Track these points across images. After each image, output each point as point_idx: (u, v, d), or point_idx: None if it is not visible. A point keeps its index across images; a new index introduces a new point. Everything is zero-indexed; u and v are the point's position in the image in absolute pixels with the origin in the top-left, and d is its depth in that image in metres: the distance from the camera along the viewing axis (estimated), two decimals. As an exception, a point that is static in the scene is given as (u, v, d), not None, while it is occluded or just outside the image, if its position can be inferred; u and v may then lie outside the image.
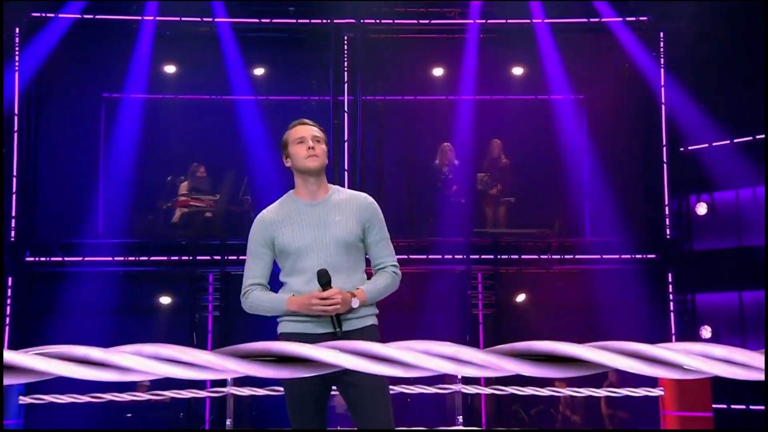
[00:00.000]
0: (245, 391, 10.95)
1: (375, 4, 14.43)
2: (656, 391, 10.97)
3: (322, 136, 5.62)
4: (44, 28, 14.10)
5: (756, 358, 2.57)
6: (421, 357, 2.02)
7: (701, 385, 10.84)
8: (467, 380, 11.43)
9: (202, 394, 12.43)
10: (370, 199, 5.70)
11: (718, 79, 14.27)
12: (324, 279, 5.21)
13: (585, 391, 12.03)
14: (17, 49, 13.99)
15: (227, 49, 14.93)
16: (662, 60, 14.58)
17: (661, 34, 14.53)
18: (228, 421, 10.94)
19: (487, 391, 12.63)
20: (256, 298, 5.45)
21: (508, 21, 14.85)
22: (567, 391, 12.51)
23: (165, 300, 14.92)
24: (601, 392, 12.27)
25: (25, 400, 10.97)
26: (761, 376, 2.79)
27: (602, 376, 13.66)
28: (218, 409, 12.15)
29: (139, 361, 2.41)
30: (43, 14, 13.93)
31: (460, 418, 11.15)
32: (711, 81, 14.29)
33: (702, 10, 13.55)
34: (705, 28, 13.78)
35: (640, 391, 11.26)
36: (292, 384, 5.47)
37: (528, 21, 14.79)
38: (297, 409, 5.47)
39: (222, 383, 11.21)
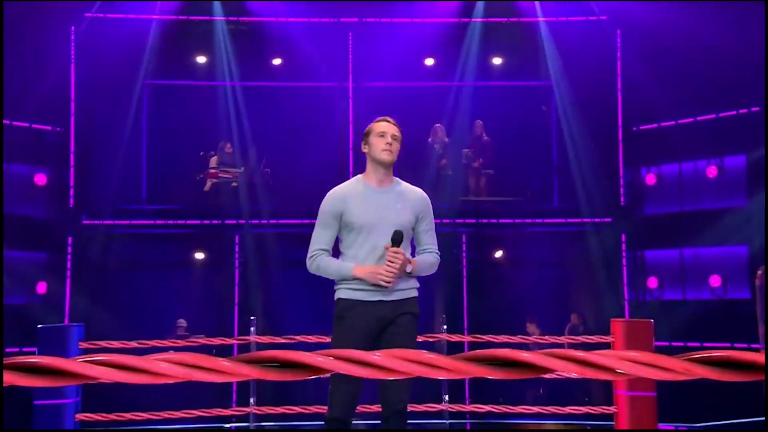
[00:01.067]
0: (265, 340, 11.28)
1: (375, 5, 14.33)
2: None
3: (400, 135, 5.75)
4: (96, 26, 14.09)
5: (675, 363, 3.02)
6: (401, 363, 2.50)
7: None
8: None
9: (230, 341, 12.62)
10: (425, 195, 5.85)
11: (664, 70, 14.13)
12: (398, 237, 5.44)
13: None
14: (73, 44, 14.05)
15: (248, 44, 15.09)
16: (618, 54, 14.65)
17: (618, 32, 14.56)
18: (252, 399, 10.90)
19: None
20: (322, 262, 5.62)
21: (490, 19, 14.82)
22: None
23: (198, 256, 15.12)
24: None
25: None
26: (678, 377, 3.33)
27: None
28: (244, 389, 12.02)
29: (169, 368, 2.81)
30: (95, 15, 13.92)
31: (446, 397, 11.11)
32: (658, 72, 14.15)
33: (652, 11, 13.49)
34: (654, 27, 13.74)
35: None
36: (348, 319, 5.70)
37: (506, 20, 14.87)
38: (345, 337, 5.70)
39: (247, 332, 11.37)
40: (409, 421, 8.97)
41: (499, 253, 15.40)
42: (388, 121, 5.75)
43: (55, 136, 14.28)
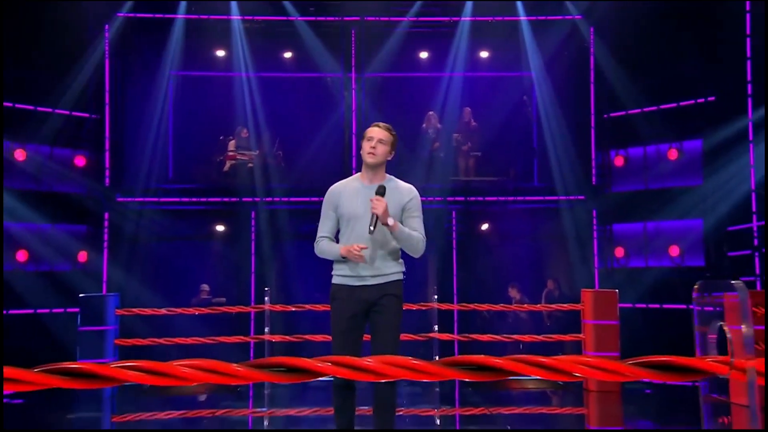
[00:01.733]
0: (278, 308, 11.35)
1: (374, 4, 14.30)
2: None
3: (387, 138, 5.85)
4: (127, 25, 14.21)
5: (621, 367, 3.16)
6: (390, 368, 2.91)
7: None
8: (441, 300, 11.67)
9: (248, 309, 13.13)
10: (414, 189, 6.02)
11: (631, 64, 14.23)
12: (381, 190, 5.65)
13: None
14: (107, 41, 14.10)
15: (261, 39, 15.07)
16: (591, 49, 14.67)
17: (591, 30, 14.58)
18: (266, 329, 11.18)
19: (459, 337, 13.11)
20: (323, 245, 5.94)
21: (477, 18, 14.81)
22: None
23: (219, 230, 15.19)
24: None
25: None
26: (627, 379, 3.77)
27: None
28: (260, 321, 12.09)
29: (192, 372, 3.04)
30: (126, 15, 14.01)
31: (436, 327, 11.40)
32: (626, 65, 14.30)
33: (622, 12, 13.66)
34: (624, 27, 13.81)
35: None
36: (336, 307, 6.00)
37: (491, 19, 14.84)
38: (336, 328, 5.97)
39: (261, 300, 11.52)
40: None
41: (485, 227, 15.34)
42: (378, 126, 5.92)
43: (92, 123, 14.25)
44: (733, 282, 3.52)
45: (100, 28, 14.00)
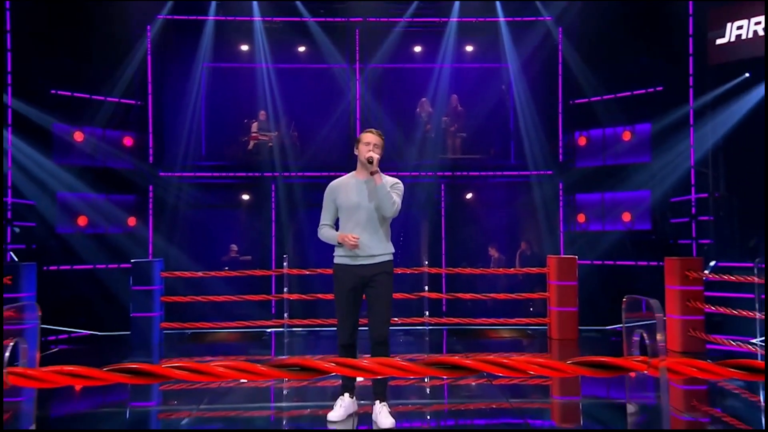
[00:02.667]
0: (294, 272, 11.48)
1: (375, 6, 14.29)
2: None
3: (379, 142, 6.05)
4: (166, 25, 14.25)
5: (563, 366, 3.50)
6: (383, 368, 3.31)
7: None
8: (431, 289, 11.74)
9: (269, 273, 13.17)
10: (397, 180, 6.18)
11: (593, 58, 14.21)
12: (370, 160, 5.87)
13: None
14: (149, 39, 14.14)
15: (279, 36, 14.93)
16: (560, 46, 14.66)
17: (560, 29, 14.58)
18: (285, 289, 11.40)
19: (446, 296, 13.54)
20: (325, 232, 6.13)
21: (463, 19, 14.74)
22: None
23: (244, 199, 15.30)
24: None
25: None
26: (568, 376, 4.33)
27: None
28: (280, 282, 12.24)
29: (226, 371, 3.31)
30: (165, 16, 14.07)
31: (426, 287, 11.58)
32: (589, 60, 14.29)
33: (586, 14, 13.72)
34: (587, 27, 13.87)
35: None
36: (338, 281, 6.18)
37: (474, 19, 14.81)
38: (338, 298, 6.18)
39: (281, 262, 11.64)
40: (399, 329, 9.52)
41: (469, 196, 15.43)
42: (371, 132, 6.09)
43: (138, 108, 14.33)
44: (650, 301, 3.70)
45: (143, 28, 14.03)
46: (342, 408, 6.18)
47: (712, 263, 12.11)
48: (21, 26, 12.51)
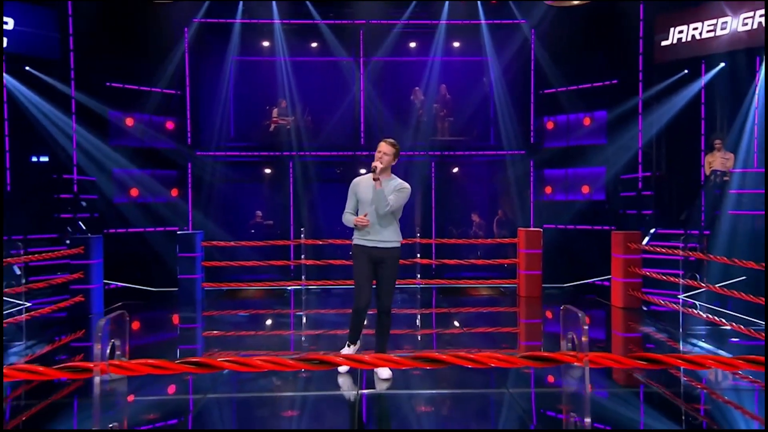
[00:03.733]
0: (310, 242, 11.86)
1: (378, 6, 14.11)
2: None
3: (390, 150, 6.13)
4: (201, 27, 14.22)
5: (516, 360, 3.71)
6: (379, 361, 3.53)
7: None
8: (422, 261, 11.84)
9: (289, 243, 13.21)
10: (407, 185, 6.28)
11: (559, 56, 14.26)
12: (374, 169, 5.96)
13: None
14: (186, 39, 14.13)
15: (295, 34, 14.80)
16: (532, 45, 14.63)
17: (533, 31, 14.57)
18: (302, 256, 11.63)
19: (435, 261, 13.76)
20: (347, 217, 6.28)
21: (451, 22, 14.63)
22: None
23: (266, 173, 15.28)
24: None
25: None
26: (518, 366, 4.75)
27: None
28: (297, 270, 12.22)
29: (263, 363, 3.63)
30: (200, 20, 14.04)
31: (419, 255, 11.73)
32: (556, 57, 14.34)
33: (554, 20, 13.70)
34: (555, 29, 13.90)
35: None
36: (356, 256, 6.29)
37: (460, 22, 14.73)
38: (357, 267, 6.28)
39: (299, 231, 11.91)
40: (396, 288, 9.78)
41: (455, 170, 15.38)
42: (383, 141, 6.18)
43: (178, 97, 14.34)
44: (579, 313, 3.90)
45: (182, 30, 14.05)
46: (349, 353, 6.43)
47: (652, 230, 12.36)
48: (81, 30, 12.68)
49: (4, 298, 8.82)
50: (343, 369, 6.46)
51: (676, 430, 5.08)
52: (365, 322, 6.48)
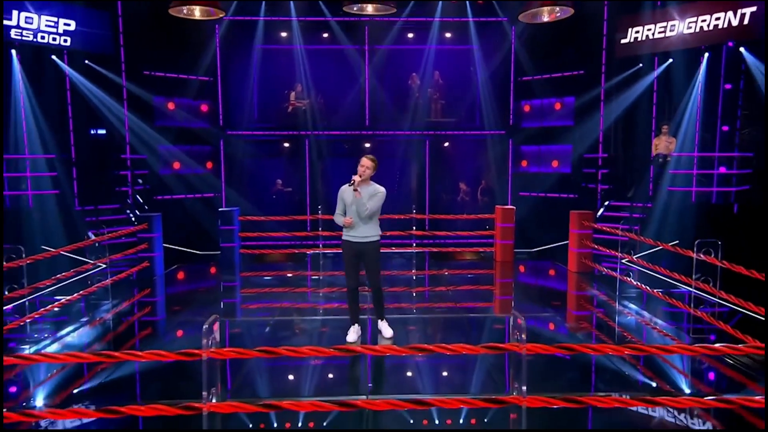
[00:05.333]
0: (326, 217, 11.35)
1: (380, 7, 13.66)
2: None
3: (370, 165, 6.46)
4: (229, 24, 14.56)
5: (478, 349, 6.03)
6: (383, 349, 5.06)
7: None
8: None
9: (306, 218, 13.72)
10: (382, 188, 6.54)
11: (535, 49, 14.69)
12: (352, 183, 6.33)
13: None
14: (217, 35, 14.56)
15: (310, 27, 15.09)
16: (513, 39, 14.96)
17: (513, 28, 14.88)
18: (320, 228, 12.16)
19: (428, 233, 14.11)
20: (337, 218, 6.65)
21: (444, 19, 14.96)
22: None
23: (285, 147, 15.44)
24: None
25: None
26: (480, 353, 5.94)
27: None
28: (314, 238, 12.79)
29: (307, 350, 4.85)
30: (229, 17, 14.23)
31: (414, 227, 12.42)
32: (532, 50, 14.78)
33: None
34: (531, 27, 13.80)
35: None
36: (344, 251, 6.65)
37: (451, 19, 15.04)
38: (345, 262, 6.70)
39: (316, 228, 12.44)
40: (393, 252, 10.33)
41: (446, 145, 15.53)
42: (366, 157, 6.55)
43: (211, 83, 14.75)
44: (519, 320, 4.42)
45: (213, 26, 14.39)
46: (354, 333, 6.99)
47: (607, 203, 13.24)
48: (129, 28, 13.32)
49: (91, 260, 10.01)
50: (350, 339, 6.94)
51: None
52: (360, 304, 7.07)
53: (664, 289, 9.14)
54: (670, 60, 12.93)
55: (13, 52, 11.73)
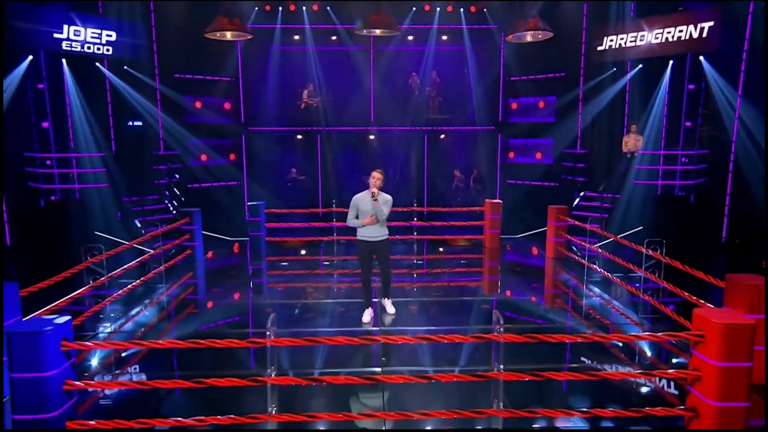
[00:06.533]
0: (339, 210, 10.97)
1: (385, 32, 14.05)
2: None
3: (381, 177, 6.97)
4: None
5: (466, 338, 7.15)
6: (394, 337, 6.25)
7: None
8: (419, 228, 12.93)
9: (321, 210, 14.35)
10: (387, 197, 7.03)
11: (523, 52, 15.06)
12: (373, 195, 6.73)
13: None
14: (239, 41, 14.54)
15: (320, 32, 15.45)
16: (502, 44, 15.42)
17: (502, 34, 15.37)
18: (334, 219, 12.60)
19: (426, 224, 14.51)
20: (351, 221, 7.08)
21: (441, 26, 15.45)
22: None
23: (300, 138, 15.90)
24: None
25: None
26: (468, 342, 7.24)
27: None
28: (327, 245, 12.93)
29: (337, 338, 6.87)
30: (249, 26, 13.56)
31: (415, 218, 12.95)
32: (520, 53, 15.21)
33: (520, 26, 13.20)
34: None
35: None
36: (360, 249, 7.12)
37: (448, 26, 15.55)
38: (361, 258, 7.20)
39: (330, 219, 12.93)
40: (399, 240, 10.62)
41: (442, 136, 15.90)
42: (376, 171, 7.07)
43: (233, 83, 15.27)
44: (497, 314, 4.84)
45: None
46: (368, 315, 7.60)
47: (582, 193, 13.94)
48: (161, 37, 13.95)
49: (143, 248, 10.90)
50: (365, 320, 7.62)
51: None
52: (372, 291, 7.63)
53: (623, 274, 10.11)
54: (640, 65, 13.51)
55: (64, 61, 12.55)
